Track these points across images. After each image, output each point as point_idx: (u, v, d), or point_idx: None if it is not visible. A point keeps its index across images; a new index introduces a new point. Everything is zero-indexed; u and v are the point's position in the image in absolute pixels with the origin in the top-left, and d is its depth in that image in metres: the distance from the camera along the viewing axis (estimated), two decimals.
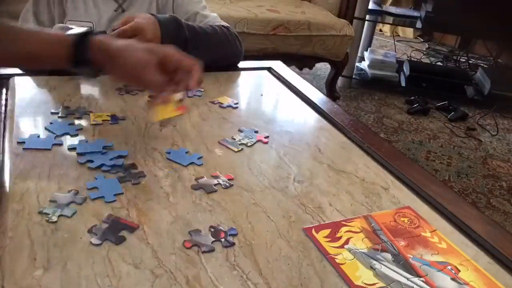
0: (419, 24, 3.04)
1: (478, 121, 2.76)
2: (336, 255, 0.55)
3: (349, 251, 0.55)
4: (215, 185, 0.66)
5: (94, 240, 0.53)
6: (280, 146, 0.79)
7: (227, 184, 0.66)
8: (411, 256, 0.56)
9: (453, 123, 2.69)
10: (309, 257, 0.55)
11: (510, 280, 0.55)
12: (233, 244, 0.55)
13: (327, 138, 0.84)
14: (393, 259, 0.55)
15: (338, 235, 0.58)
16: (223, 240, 0.56)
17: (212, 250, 0.54)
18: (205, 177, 0.67)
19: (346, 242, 0.57)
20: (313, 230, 0.58)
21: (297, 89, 1.03)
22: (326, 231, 0.58)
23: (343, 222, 0.60)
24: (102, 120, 0.79)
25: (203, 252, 0.54)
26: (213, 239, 0.55)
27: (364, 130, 0.87)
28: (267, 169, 0.71)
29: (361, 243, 0.57)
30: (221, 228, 0.57)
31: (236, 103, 0.92)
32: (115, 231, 0.55)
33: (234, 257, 0.53)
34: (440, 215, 0.65)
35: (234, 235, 0.56)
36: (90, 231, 0.54)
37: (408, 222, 0.62)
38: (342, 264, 0.53)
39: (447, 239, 0.60)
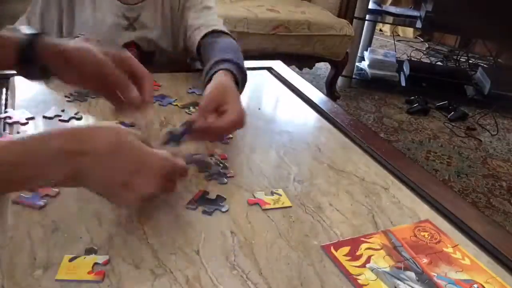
0: (419, 24, 3.04)
1: (478, 121, 2.76)
2: (358, 275, 0.53)
3: (371, 271, 0.53)
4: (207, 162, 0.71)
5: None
6: (280, 146, 0.79)
7: (221, 164, 0.71)
8: (435, 275, 0.54)
9: (453, 123, 2.69)
10: (309, 257, 0.55)
11: (510, 280, 0.55)
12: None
13: (327, 138, 0.84)
14: (417, 278, 0.53)
15: (358, 253, 0.56)
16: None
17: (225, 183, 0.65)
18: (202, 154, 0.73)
19: (368, 260, 0.55)
20: (332, 248, 0.56)
21: (297, 89, 1.03)
22: (346, 249, 0.56)
23: (362, 239, 0.58)
24: None
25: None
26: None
27: (364, 130, 0.87)
28: (267, 169, 0.71)
29: (383, 262, 0.55)
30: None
31: (230, 138, 0.79)
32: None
33: (234, 257, 0.53)
34: (440, 215, 0.65)
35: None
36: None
37: (429, 237, 0.60)
38: (365, 285, 0.51)
39: (470, 254, 0.58)
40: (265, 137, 0.82)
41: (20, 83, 0.89)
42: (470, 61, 3.54)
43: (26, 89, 0.88)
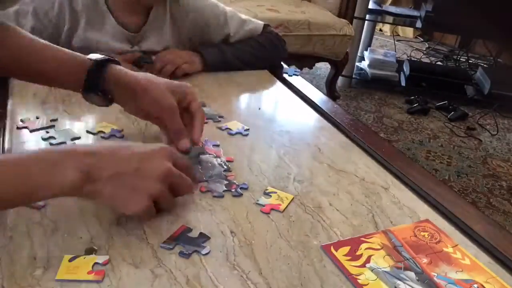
0: (419, 24, 3.04)
1: (478, 120, 2.76)
2: (358, 275, 0.53)
3: (371, 271, 0.53)
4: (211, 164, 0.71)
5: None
6: (280, 146, 0.79)
7: (225, 166, 0.70)
8: (435, 274, 0.54)
9: (453, 123, 2.69)
10: (309, 257, 0.55)
11: (510, 280, 0.55)
12: (241, 195, 0.63)
13: (327, 138, 0.84)
14: (417, 278, 0.53)
15: (358, 252, 0.56)
16: (233, 190, 0.64)
17: (221, 197, 0.63)
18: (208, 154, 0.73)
19: (367, 260, 0.55)
20: (332, 247, 0.56)
21: (297, 89, 1.03)
22: (346, 249, 0.56)
23: (362, 239, 0.58)
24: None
25: (214, 196, 0.62)
26: (225, 188, 0.64)
27: (364, 129, 0.87)
28: (267, 169, 0.71)
29: (383, 261, 0.55)
30: (234, 181, 0.66)
31: (247, 129, 0.83)
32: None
33: (234, 257, 0.53)
34: (440, 215, 0.65)
35: (245, 189, 0.65)
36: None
37: (429, 237, 0.60)
38: (365, 285, 0.51)
39: (470, 254, 0.58)
40: (265, 137, 0.82)
41: (20, 84, 0.89)
42: (470, 61, 3.54)
43: (26, 89, 0.88)
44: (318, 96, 1.00)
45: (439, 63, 3.60)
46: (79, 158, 0.51)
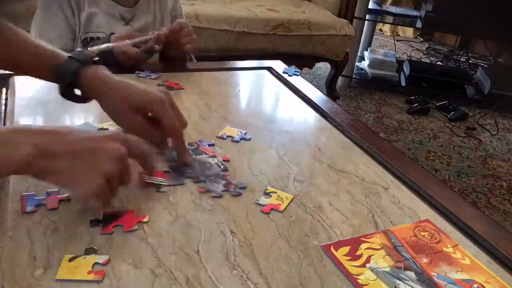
0: (419, 24, 3.05)
1: (478, 120, 2.77)
2: (358, 275, 0.53)
3: (371, 270, 0.53)
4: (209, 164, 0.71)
5: None
6: (280, 146, 0.79)
7: (222, 165, 0.70)
8: (435, 274, 0.54)
9: (453, 123, 2.69)
10: (309, 257, 0.55)
11: (510, 280, 0.55)
12: (240, 194, 0.63)
13: (327, 138, 0.84)
14: (417, 278, 0.53)
15: (358, 252, 0.56)
16: (232, 190, 0.64)
17: (221, 197, 0.63)
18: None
19: (367, 260, 0.55)
20: (332, 247, 0.56)
21: (297, 89, 1.03)
22: (346, 249, 0.56)
23: (362, 238, 0.59)
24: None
25: (213, 197, 0.62)
26: (224, 188, 0.64)
27: (364, 129, 0.87)
28: (267, 169, 0.71)
29: (383, 261, 0.55)
30: (232, 181, 0.66)
31: (248, 139, 0.80)
32: None
33: (234, 257, 0.53)
34: (440, 215, 0.65)
35: (243, 188, 0.65)
36: None
37: (429, 237, 0.60)
38: (365, 285, 0.51)
39: (470, 254, 0.58)
40: (265, 137, 0.82)
41: (20, 83, 0.89)
42: (470, 61, 3.54)
43: (26, 89, 0.88)
44: (318, 96, 1.00)
45: (439, 63, 3.60)
46: (32, 135, 0.49)
